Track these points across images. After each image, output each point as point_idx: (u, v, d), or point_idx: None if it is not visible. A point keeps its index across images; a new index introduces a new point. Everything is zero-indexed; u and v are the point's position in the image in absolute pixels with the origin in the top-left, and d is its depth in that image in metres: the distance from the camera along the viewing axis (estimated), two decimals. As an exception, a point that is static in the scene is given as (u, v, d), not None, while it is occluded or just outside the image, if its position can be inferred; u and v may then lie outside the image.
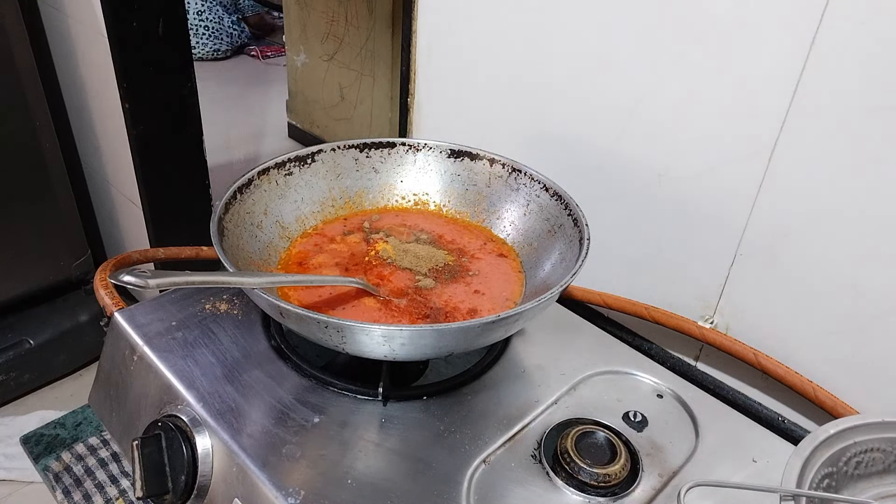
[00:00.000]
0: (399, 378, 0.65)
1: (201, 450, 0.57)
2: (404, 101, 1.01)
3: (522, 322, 0.60)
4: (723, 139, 0.67)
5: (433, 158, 0.77)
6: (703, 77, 0.67)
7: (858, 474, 0.50)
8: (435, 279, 0.68)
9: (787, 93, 0.61)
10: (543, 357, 0.69)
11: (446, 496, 0.53)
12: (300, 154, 0.73)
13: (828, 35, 0.58)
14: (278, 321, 0.63)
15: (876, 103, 0.57)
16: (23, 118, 1.38)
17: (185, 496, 0.57)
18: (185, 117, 1.50)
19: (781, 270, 0.68)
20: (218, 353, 0.66)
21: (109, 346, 0.71)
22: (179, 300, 0.72)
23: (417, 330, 0.53)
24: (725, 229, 0.70)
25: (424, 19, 0.93)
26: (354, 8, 2.26)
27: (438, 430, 0.59)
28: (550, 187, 0.70)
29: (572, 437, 0.57)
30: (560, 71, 0.79)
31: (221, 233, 0.61)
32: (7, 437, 1.48)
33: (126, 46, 1.33)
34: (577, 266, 0.58)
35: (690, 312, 0.76)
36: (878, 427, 0.49)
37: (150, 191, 1.50)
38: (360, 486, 0.54)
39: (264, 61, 3.59)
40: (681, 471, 0.58)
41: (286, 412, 0.60)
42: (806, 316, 0.68)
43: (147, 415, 0.64)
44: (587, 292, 0.82)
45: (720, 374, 0.78)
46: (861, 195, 0.60)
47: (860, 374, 0.65)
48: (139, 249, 0.87)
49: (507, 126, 0.88)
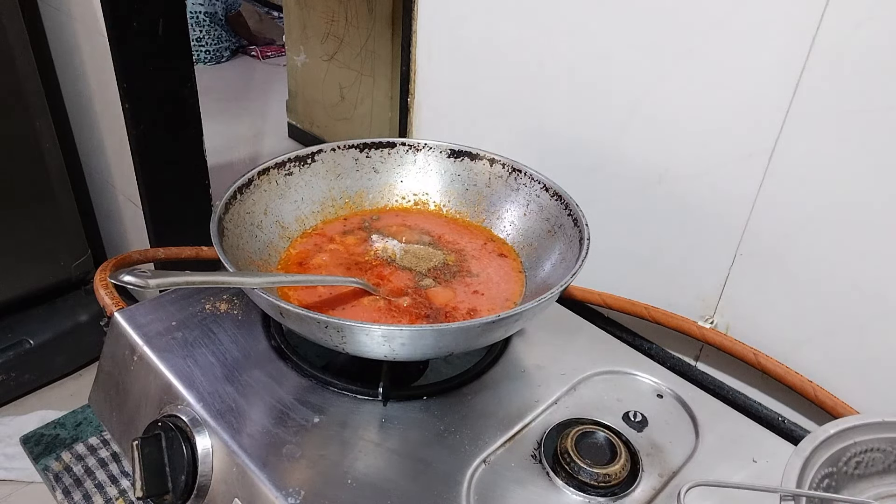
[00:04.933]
0: (399, 378, 0.65)
1: (201, 450, 0.57)
2: (404, 101, 1.01)
3: (522, 322, 0.60)
4: (723, 139, 0.67)
5: (433, 158, 0.77)
6: (703, 77, 0.67)
7: (858, 474, 0.50)
8: (435, 279, 0.68)
9: (788, 93, 0.61)
10: (543, 357, 0.69)
11: (446, 496, 0.53)
12: (300, 154, 0.73)
13: (828, 35, 0.58)
14: (278, 321, 0.63)
15: (876, 103, 0.57)
16: (23, 118, 1.38)
17: (185, 496, 0.57)
18: (185, 117, 1.50)
19: (781, 270, 0.68)
20: (218, 353, 0.66)
21: (109, 346, 0.71)
22: (179, 300, 0.72)
23: (417, 330, 0.53)
24: (725, 229, 0.70)
25: (424, 19, 0.93)
26: (354, 8, 2.26)
27: (438, 430, 0.59)
28: (550, 187, 0.70)
29: (572, 437, 0.57)
30: (560, 71, 0.79)
31: (221, 233, 0.61)
32: (7, 437, 1.48)
33: (126, 47, 1.33)
34: (577, 266, 0.58)
35: (690, 312, 0.76)
36: (878, 427, 0.49)
37: (150, 191, 1.50)
38: (360, 486, 0.54)
39: (264, 61, 3.59)
40: (681, 471, 0.58)
41: (286, 412, 0.60)
42: (806, 316, 0.68)
43: (147, 415, 0.64)
44: (587, 292, 0.82)
45: (720, 374, 0.78)
46: (861, 195, 0.60)
47: (860, 374, 0.65)
48: (139, 249, 0.87)
49: (507, 126, 0.88)
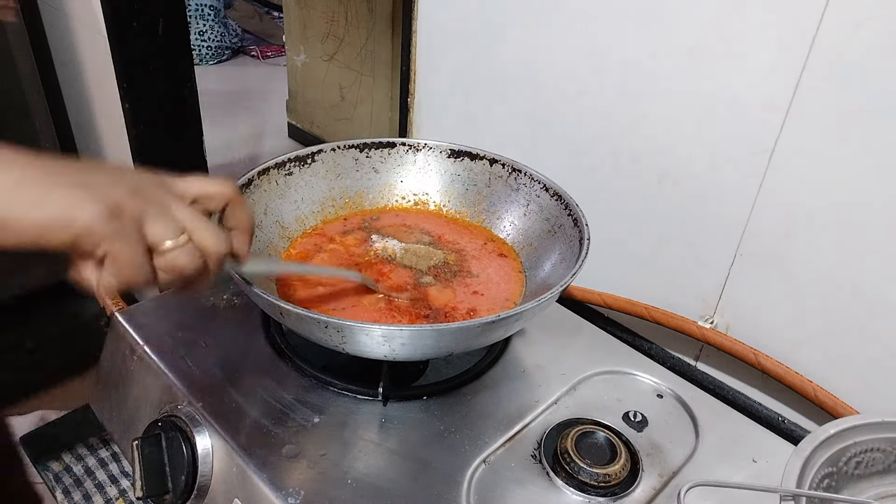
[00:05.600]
0: (399, 378, 0.65)
1: (201, 450, 0.57)
2: (404, 101, 1.01)
3: (522, 322, 0.60)
4: (723, 139, 0.67)
5: (433, 158, 0.77)
6: (703, 77, 0.67)
7: (858, 474, 0.50)
8: (435, 278, 0.68)
9: (788, 93, 0.61)
10: (543, 357, 0.69)
11: (446, 496, 0.53)
12: (300, 154, 0.73)
13: (828, 35, 0.58)
14: (278, 321, 0.63)
15: (876, 103, 0.57)
16: (23, 118, 1.38)
17: (185, 496, 0.57)
18: (185, 117, 1.49)
19: (782, 270, 0.68)
20: (218, 353, 0.66)
21: (109, 346, 0.71)
22: (179, 300, 0.72)
23: (417, 330, 0.53)
24: (725, 229, 0.70)
25: (424, 19, 0.93)
26: (354, 8, 2.26)
27: (438, 430, 0.59)
28: (550, 187, 0.70)
29: (572, 437, 0.57)
30: (560, 71, 0.79)
31: (221, 233, 0.61)
32: (7, 437, 1.48)
33: (126, 47, 1.33)
34: (577, 266, 0.58)
35: (690, 312, 0.76)
36: (878, 427, 0.49)
37: (150, 191, 1.50)
38: (360, 486, 0.54)
39: (264, 61, 3.59)
40: (681, 471, 0.58)
41: (286, 412, 0.60)
42: (806, 316, 0.68)
43: (147, 415, 0.64)
44: (587, 292, 0.82)
45: (720, 374, 0.78)
46: (861, 195, 0.60)
47: (860, 374, 0.65)
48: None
49: (507, 126, 0.88)
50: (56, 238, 0.38)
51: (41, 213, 0.37)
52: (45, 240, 0.38)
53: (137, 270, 0.41)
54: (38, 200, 0.37)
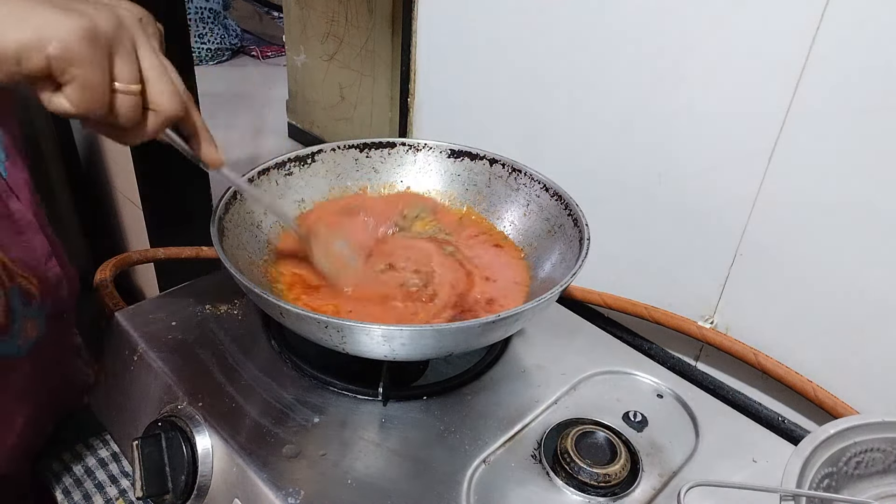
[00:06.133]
0: (399, 378, 0.64)
1: (201, 450, 0.57)
2: (404, 101, 1.01)
3: (522, 322, 0.60)
4: (723, 139, 0.67)
5: (433, 158, 0.77)
6: (703, 77, 0.67)
7: (858, 474, 0.50)
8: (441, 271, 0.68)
9: (787, 93, 0.61)
10: (543, 357, 0.69)
11: (446, 496, 0.53)
12: (300, 154, 0.73)
13: (828, 35, 0.58)
14: (278, 321, 0.62)
15: (876, 104, 0.57)
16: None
17: (185, 496, 0.57)
18: (185, 117, 1.49)
19: (781, 270, 0.68)
20: (218, 353, 0.66)
21: (109, 346, 0.71)
22: (179, 300, 0.72)
23: (417, 330, 0.53)
24: (725, 229, 0.70)
25: (424, 19, 0.93)
26: (354, 8, 2.26)
27: (438, 430, 0.59)
28: (550, 187, 0.70)
29: (572, 437, 0.57)
30: (560, 71, 0.79)
31: (221, 233, 0.61)
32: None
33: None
34: (577, 266, 0.58)
35: (690, 312, 0.76)
36: (878, 427, 0.49)
37: (150, 191, 1.50)
38: (360, 486, 0.54)
39: (264, 61, 3.59)
40: (681, 471, 0.58)
41: (286, 412, 0.60)
42: (806, 316, 0.68)
43: (147, 415, 0.64)
44: (587, 292, 0.82)
45: (720, 374, 0.78)
46: (861, 195, 0.60)
47: (860, 374, 0.65)
48: (139, 249, 0.87)
49: (507, 126, 0.88)
50: (33, 62, 0.39)
51: (22, 33, 0.39)
52: (23, 65, 0.39)
53: (98, 100, 0.42)
54: (20, 18, 0.39)
